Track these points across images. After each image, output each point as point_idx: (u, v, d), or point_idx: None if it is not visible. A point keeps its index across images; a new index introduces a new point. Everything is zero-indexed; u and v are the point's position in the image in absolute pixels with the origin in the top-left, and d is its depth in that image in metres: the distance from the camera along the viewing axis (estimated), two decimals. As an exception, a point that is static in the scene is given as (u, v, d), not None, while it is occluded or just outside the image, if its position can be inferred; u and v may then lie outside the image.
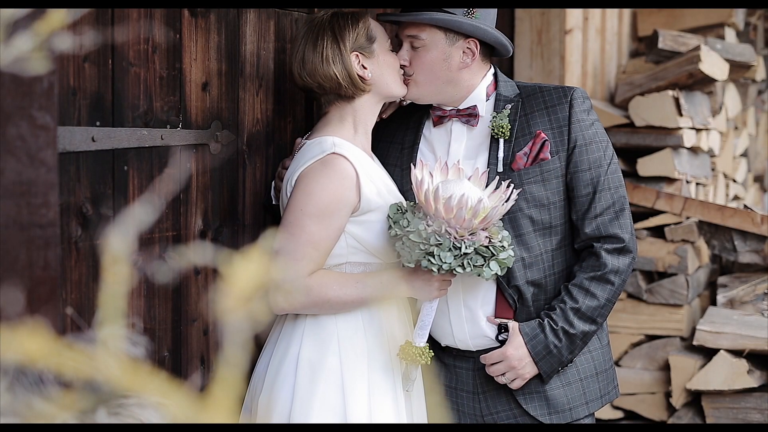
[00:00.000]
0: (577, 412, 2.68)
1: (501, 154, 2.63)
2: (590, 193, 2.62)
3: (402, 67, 2.64)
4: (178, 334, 2.53)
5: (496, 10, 2.70)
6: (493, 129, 2.63)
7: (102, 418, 1.05)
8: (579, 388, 2.69)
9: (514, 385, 2.62)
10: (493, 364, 2.62)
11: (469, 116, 2.67)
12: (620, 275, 2.62)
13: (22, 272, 1.49)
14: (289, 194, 2.50)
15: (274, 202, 2.76)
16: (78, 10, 1.13)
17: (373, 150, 2.69)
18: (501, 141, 2.63)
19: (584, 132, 2.63)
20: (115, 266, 1.01)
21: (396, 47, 2.68)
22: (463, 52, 2.63)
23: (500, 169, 2.62)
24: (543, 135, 2.62)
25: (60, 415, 1.03)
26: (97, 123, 2.23)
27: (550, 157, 2.61)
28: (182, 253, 2.41)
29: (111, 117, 2.27)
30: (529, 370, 2.61)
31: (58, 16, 1.11)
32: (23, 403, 1.04)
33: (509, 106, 2.66)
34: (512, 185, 2.51)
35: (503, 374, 2.62)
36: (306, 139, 2.62)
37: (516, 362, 2.59)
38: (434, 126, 2.73)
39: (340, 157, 2.47)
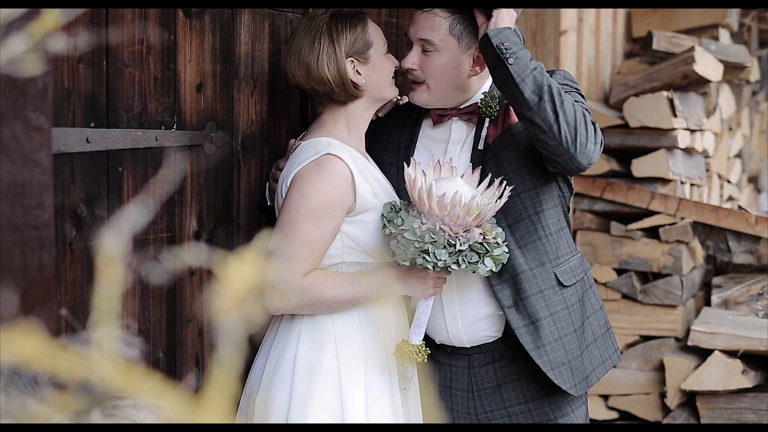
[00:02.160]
0: (590, 380, 2.70)
1: (484, 133, 2.63)
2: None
3: (410, 71, 2.63)
4: (173, 335, 2.53)
5: None
6: (481, 108, 2.63)
7: (96, 419, 1.05)
8: (587, 355, 2.70)
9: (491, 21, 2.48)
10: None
11: (470, 114, 2.67)
12: (588, 123, 2.49)
13: (17, 273, 1.48)
14: (284, 195, 2.51)
15: (268, 203, 2.76)
16: (72, 11, 1.13)
17: (369, 149, 2.70)
18: (487, 121, 2.64)
19: None
20: (110, 267, 1.01)
21: (400, 49, 2.68)
22: (474, 59, 2.62)
23: (481, 146, 2.63)
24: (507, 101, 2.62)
25: (54, 416, 1.03)
26: (92, 124, 2.23)
27: (517, 120, 2.60)
28: (177, 254, 2.40)
29: (105, 118, 2.27)
30: (511, 18, 2.50)
31: (52, 17, 1.11)
32: (18, 405, 1.03)
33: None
34: (504, 182, 2.51)
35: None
36: (300, 140, 2.62)
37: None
38: (434, 125, 2.73)
39: (335, 158, 2.47)
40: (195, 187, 2.56)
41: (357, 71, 2.55)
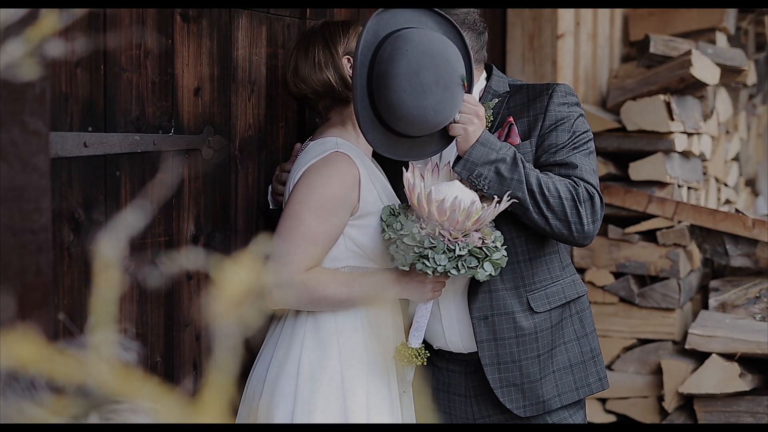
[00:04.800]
0: (549, 404, 2.68)
1: None
2: (552, 167, 2.59)
3: None
4: (171, 339, 2.53)
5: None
6: None
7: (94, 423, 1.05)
8: (552, 380, 2.68)
9: (454, 130, 2.49)
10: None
11: None
12: (582, 204, 2.53)
13: (15, 277, 1.49)
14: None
15: (272, 207, 2.76)
16: (70, 16, 1.14)
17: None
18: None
19: (557, 118, 2.62)
20: (107, 272, 1.01)
21: None
22: None
23: None
24: (510, 119, 2.62)
25: (52, 420, 1.03)
26: (90, 128, 2.23)
27: (519, 141, 2.61)
28: (174, 258, 2.41)
29: (103, 122, 2.27)
30: (476, 130, 2.48)
31: (49, 22, 1.11)
32: (15, 409, 1.04)
33: (496, 100, 2.67)
34: None
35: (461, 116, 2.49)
36: (309, 141, 2.64)
37: (480, 117, 2.50)
38: None
39: (344, 155, 2.48)
40: (193, 191, 2.57)
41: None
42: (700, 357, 4.13)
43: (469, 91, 2.50)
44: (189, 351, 2.60)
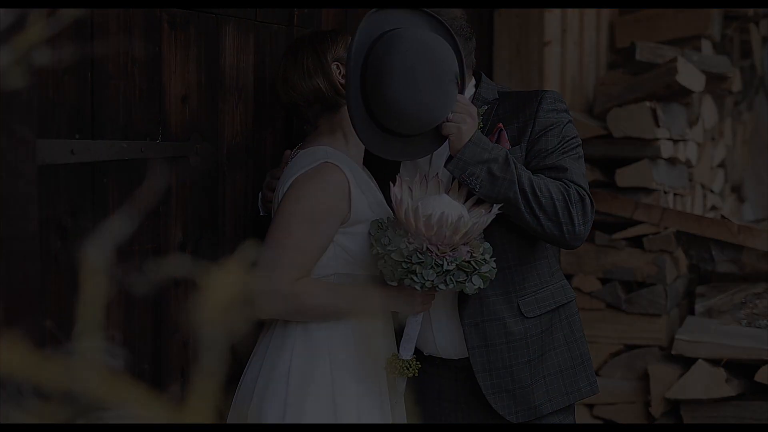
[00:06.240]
0: (540, 410, 2.68)
1: None
2: (543, 171, 2.59)
3: None
4: (158, 346, 2.53)
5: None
6: None
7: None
8: (542, 386, 2.69)
9: (447, 129, 2.48)
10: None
11: None
12: (573, 205, 2.54)
13: (2, 285, 1.49)
14: (280, 201, 2.52)
15: (262, 213, 2.76)
16: (58, 23, 1.14)
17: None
18: None
19: (547, 124, 2.63)
20: (95, 279, 1.02)
21: None
22: None
23: None
24: (500, 125, 2.63)
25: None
26: (77, 136, 2.23)
27: (510, 147, 2.61)
28: (162, 265, 2.41)
29: (90, 130, 2.27)
30: (469, 129, 2.49)
31: (37, 30, 1.12)
32: (2, 415, 1.04)
33: (485, 107, 2.68)
34: None
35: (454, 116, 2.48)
36: (297, 149, 2.64)
37: (473, 116, 2.50)
38: None
39: (333, 166, 2.48)
40: (180, 198, 2.57)
41: (343, 75, 2.57)
42: (686, 362, 4.15)
43: (462, 90, 2.51)
44: (176, 358, 2.59)
